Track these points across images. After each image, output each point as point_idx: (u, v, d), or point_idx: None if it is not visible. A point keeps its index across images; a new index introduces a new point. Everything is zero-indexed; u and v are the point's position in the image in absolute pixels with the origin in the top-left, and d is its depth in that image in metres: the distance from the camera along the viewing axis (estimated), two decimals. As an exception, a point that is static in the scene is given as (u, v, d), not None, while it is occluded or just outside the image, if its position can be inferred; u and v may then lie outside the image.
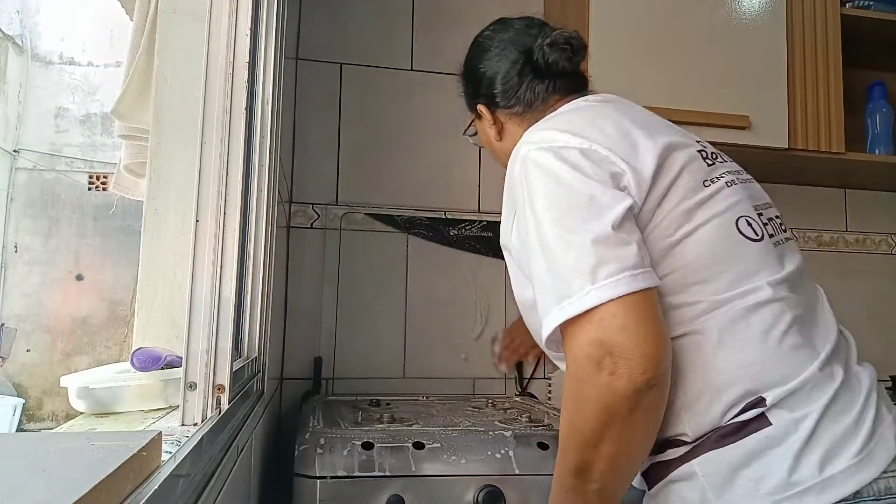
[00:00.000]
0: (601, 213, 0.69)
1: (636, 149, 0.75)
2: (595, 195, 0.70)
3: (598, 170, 0.72)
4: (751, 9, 1.55)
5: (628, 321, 0.65)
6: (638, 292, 0.66)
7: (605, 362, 0.65)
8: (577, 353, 0.67)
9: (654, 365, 0.64)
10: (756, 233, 0.77)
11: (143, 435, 0.42)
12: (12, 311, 5.23)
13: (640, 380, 0.64)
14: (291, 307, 1.53)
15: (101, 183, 5.48)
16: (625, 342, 0.64)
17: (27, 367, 5.19)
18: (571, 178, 0.72)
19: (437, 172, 1.66)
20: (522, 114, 0.93)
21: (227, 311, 0.67)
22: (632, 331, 0.64)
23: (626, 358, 0.64)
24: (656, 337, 0.66)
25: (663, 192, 0.75)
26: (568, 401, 0.70)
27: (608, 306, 0.65)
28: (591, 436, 0.68)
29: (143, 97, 0.96)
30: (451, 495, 0.89)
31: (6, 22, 5.46)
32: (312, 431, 0.96)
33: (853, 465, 0.66)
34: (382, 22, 1.67)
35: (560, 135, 0.76)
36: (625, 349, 0.64)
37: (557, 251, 0.69)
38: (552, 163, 0.73)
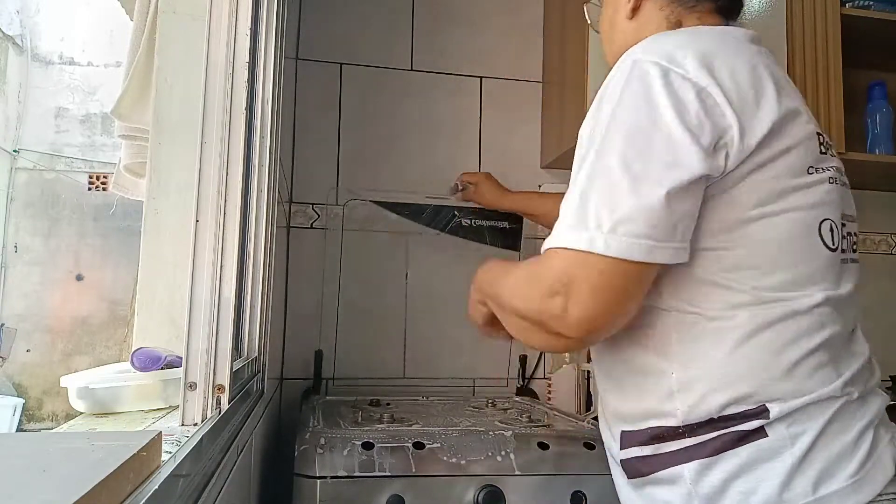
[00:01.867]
0: (668, 171, 0.63)
1: (759, 104, 0.68)
2: (677, 149, 0.64)
3: (702, 117, 0.65)
4: (751, 9, 1.55)
5: (609, 283, 0.63)
6: (644, 264, 0.63)
7: (557, 299, 0.64)
8: (548, 268, 0.66)
9: (587, 334, 0.65)
10: (833, 242, 0.72)
11: (143, 435, 0.42)
12: (12, 311, 5.23)
13: (566, 333, 0.66)
14: (291, 307, 1.53)
15: (101, 183, 5.48)
16: (586, 300, 0.63)
17: (27, 367, 5.19)
18: (666, 116, 0.64)
19: (438, 172, 1.66)
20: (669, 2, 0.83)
21: (227, 311, 0.67)
22: (603, 295, 0.63)
23: (574, 310, 0.64)
24: (614, 311, 0.65)
25: (764, 162, 0.68)
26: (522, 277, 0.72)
27: (604, 259, 0.62)
28: (514, 310, 0.73)
29: (143, 97, 0.96)
30: (451, 495, 0.89)
31: (6, 22, 5.46)
32: (312, 431, 0.96)
33: (848, 485, 0.64)
34: (382, 22, 1.67)
35: (685, 58, 0.67)
36: (579, 302, 0.63)
37: (601, 172, 0.65)
38: (658, 87, 0.66)
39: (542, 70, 1.74)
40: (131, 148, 1.07)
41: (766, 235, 0.68)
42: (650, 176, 0.63)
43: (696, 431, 0.68)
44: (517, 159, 1.70)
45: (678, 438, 0.69)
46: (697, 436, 0.68)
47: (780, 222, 0.68)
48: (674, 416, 0.69)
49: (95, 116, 5.60)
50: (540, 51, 1.75)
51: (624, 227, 0.62)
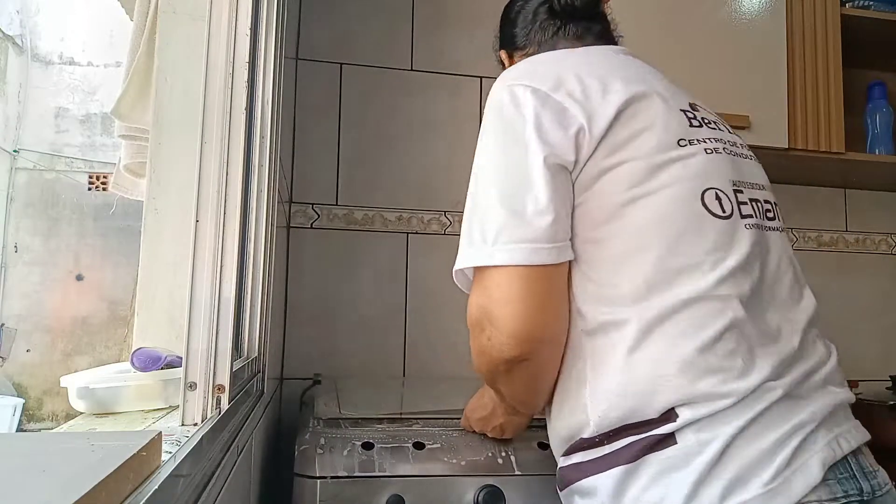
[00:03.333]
0: (529, 172, 0.67)
1: (604, 95, 0.70)
2: (530, 148, 0.67)
3: (548, 116, 0.68)
4: (751, 9, 1.55)
5: (512, 293, 0.65)
6: (533, 267, 0.65)
7: (484, 327, 0.68)
8: (470, 308, 0.70)
9: (521, 344, 0.66)
10: (723, 209, 0.69)
11: (143, 435, 0.42)
12: (12, 311, 5.23)
13: (508, 354, 0.67)
14: (291, 307, 1.53)
15: (101, 183, 5.48)
16: (501, 316, 0.66)
17: (27, 367, 5.19)
18: (514, 122, 0.69)
19: (438, 172, 1.66)
20: (532, 55, 0.88)
21: (227, 311, 0.67)
22: (511, 306, 0.65)
23: (498, 331, 0.66)
24: (534, 316, 0.66)
25: (621, 144, 0.69)
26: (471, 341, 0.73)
27: (498, 272, 0.66)
28: (487, 377, 0.75)
29: (143, 97, 0.96)
30: (451, 495, 0.89)
31: (6, 22, 5.46)
32: (312, 431, 0.96)
33: (761, 494, 0.59)
34: (382, 22, 1.67)
35: (524, 73, 0.73)
36: (498, 323, 0.66)
37: (479, 195, 0.70)
38: (504, 102, 0.71)
39: (542, 70, 1.73)
40: (131, 148, 1.07)
41: (644, 216, 0.67)
42: (511, 182, 0.68)
43: (611, 439, 0.66)
44: (517, 159, 1.70)
45: (597, 447, 0.68)
46: (612, 443, 0.66)
47: (657, 199, 0.67)
48: (588, 426, 0.68)
49: (95, 116, 5.61)
50: (540, 51, 1.74)
51: (506, 235, 0.66)
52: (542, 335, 0.67)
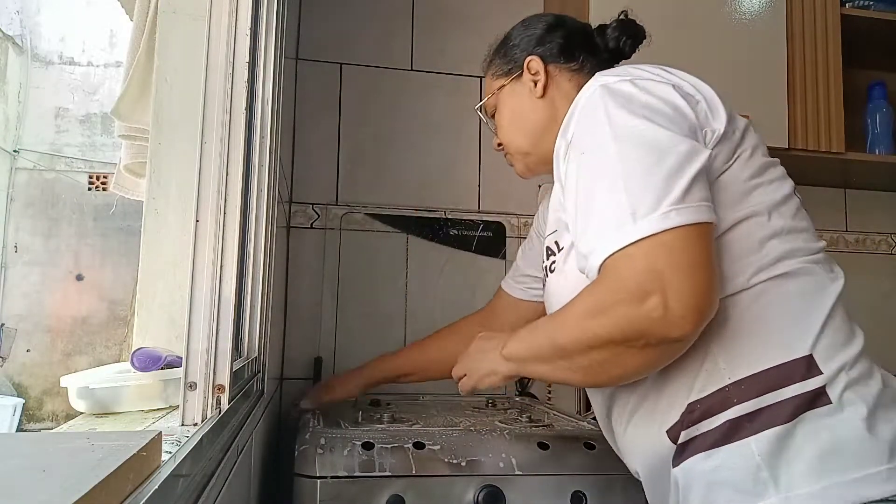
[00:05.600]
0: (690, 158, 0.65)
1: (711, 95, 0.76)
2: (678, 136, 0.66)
3: (687, 109, 0.70)
4: (751, 9, 1.55)
5: (697, 257, 0.61)
6: (705, 224, 0.63)
7: (652, 299, 0.60)
8: (627, 277, 0.62)
9: (699, 321, 0.61)
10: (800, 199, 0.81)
11: (143, 435, 0.42)
12: (12, 311, 5.24)
13: (679, 332, 0.60)
14: (291, 307, 1.53)
15: (101, 183, 5.49)
16: (684, 285, 0.60)
17: (27, 367, 5.19)
18: (664, 109, 0.69)
19: (437, 172, 1.66)
20: (577, 71, 0.91)
21: (227, 311, 0.67)
22: (698, 274, 0.60)
23: (679, 303, 0.59)
24: (715, 287, 0.62)
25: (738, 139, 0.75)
26: (591, 302, 0.66)
27: (675, 234, 0.61)
28: (591, 341, 0.66)
29: (143, 97, 0.96)
30: (451, 495, 0.89)
31: (6, 22, 5.46)
32: (312, 431, 0.96)
33: None
34: (382, 22, 1.67)
35: (646, 73, 0.74)
36: (680, 293, 0.59)
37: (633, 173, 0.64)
38: (640, 94, 0.70)
39: (542, 70, 1.73)
40: (131, 148, 1.07)
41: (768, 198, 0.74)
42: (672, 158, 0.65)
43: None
44: (517, 159, 1.70)
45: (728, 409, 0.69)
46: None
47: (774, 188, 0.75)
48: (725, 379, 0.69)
49: (95, 116, 5.61)
50: (540, 51, 1.74)
51: (681, 197, 0.62)
52: (713, 309, 0.63)
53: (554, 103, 0.90)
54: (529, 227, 1.67)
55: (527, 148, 0.94)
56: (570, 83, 0.90)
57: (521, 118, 0.94)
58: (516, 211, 1.68)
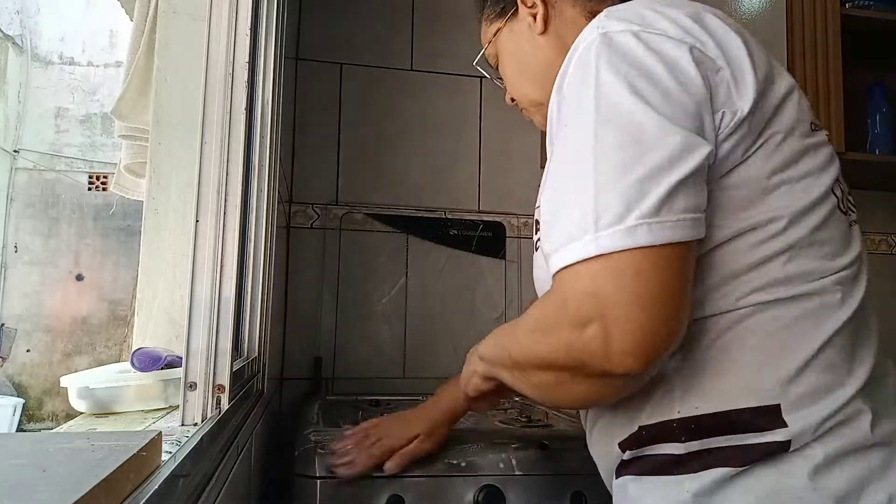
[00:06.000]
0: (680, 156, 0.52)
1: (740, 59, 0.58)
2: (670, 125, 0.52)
3: (700, 81, 0.55)
4: (751, 8, 1.55)
5: (658, 285, 0.50)
6: (682, 244, 0.51)
7: (592, 327, 0.51)
8: (570, 297, 0.53)
9: (645, 363, 0.50)
10: (842, 204, 0.62)
11: (143, 435, 0.42)
12: (12, 311, 5.24)
13: (620, 369, 0.51)
14: (291, 307, 1.53)
15: (101, 183, 5.49)
16: (629, 322, 0.50)
17: (27, 367, 5.19)
18: (666, 82, 0.54)
19: (437, 172, 1.66)
20: None
21: (227, 311, 0.67)
22: (650, 310, 0.50)
23: (618, 340, 0.50)
24: (671, 324, 0.51)
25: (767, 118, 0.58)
26: (539, 315, 0.59)
27: (641, 253, 0.50)
28: (537, 360, 0.59)
29: (143, 97, 0.96)
30: (451, 495, 0.89)
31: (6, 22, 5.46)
32: (312, 431, 0.96)
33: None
34: (382, 22, 1.67)
35: (662, 20, 0.57)
36: (622, 329, 0.50)
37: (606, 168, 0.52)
38: (642, 54, 0.55)
39: (542, 70, 1.74)
40: (131, 148, 1.07)
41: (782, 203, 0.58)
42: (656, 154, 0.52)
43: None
44: (517, 159, 1.70)
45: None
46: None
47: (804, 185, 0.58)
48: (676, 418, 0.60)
49: (95, 116, 5.61)
50: (540, 51, 1.74)
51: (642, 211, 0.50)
52: (670, 346, 0.52)
53: (560, 37, 0.74)
54: (529, 227, 1.68)
55: (538, 96, 0.77)
56: (574, 9, 0.74)
57: (524, 63, 0.78)
58: (516, 211, 1.68)
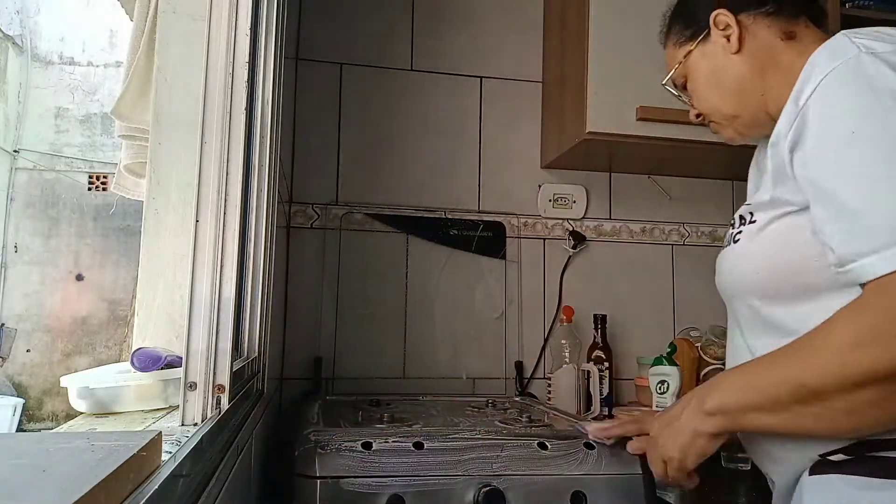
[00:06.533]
0: None
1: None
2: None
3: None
4: (751, 9, 1.55)
5: None
6: None
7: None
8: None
9: None
10: None
11: (143, 435, 0.42)
12: (12, 311, 5.24)
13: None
14: (291, 307, 1.53)
15: (101, 183, 5.49)
16: None
17: (27, 367, 5.19)
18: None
19: (437, 172, 1.66)
20: (774, 15, 0.79)
21: (227, 311, 0.67)
22: None
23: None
24: None
25: None
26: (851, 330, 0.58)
27: None
28: (860, 378, 0.57)
29: (143, 97, 0.96)
30: (451, 495, 0.89)
31: (6, 22, 5.46)
32: (312, 431, 0.96)
33: None
34: (382, 22, 1.67)
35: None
36: None
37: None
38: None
39: (542, 70, 1.74)
40: (131, 148, 1.07)
41: None
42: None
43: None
44: (517, 159, 1.70)
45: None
46: None
47: None
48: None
49: (95, 116, 5.61)
50: (540, 51, 1.75)
51: None
52: None
53: (755, 56, 0.80)
54: (529, 227, 1.68)
55: (733, 110, 0.83)
56: (768, 29, 0.80)
57: (719, 80, 0.83)
58: (516, 211, 1.68)
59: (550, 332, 1.65)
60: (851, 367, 0.56)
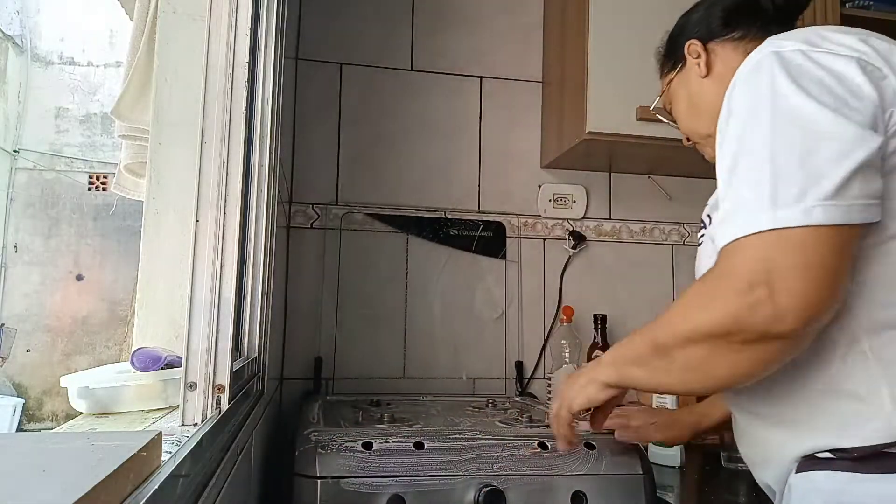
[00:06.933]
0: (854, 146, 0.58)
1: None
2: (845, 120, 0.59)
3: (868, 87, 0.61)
4: (751, 9, 1.55)
5: (816, 259, 0.56)
6: (853, 227, 0.58)
7: (759, 289, 0.58)
8: (739, 265, 0.59)
9: (804, 320, 0.57)
10: None
11: (143, 435, 0.42)
12: (12, 311, 5.24)
13: (780, 328, 0.58)
14: (291, 307, 1.53)
15: (101, 183, 5.49)
16: (794, 283, 0.57)
17: (27, 367, 5.19)
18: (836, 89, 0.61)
19: (437, 172, 1.66)
20: (740, 39, 0.85)
21: (227, 311, 0.67)
22: (812, 273, 0.57)
23: (785, 297, 0.57)
24: (832, 290, 0.57)
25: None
26: (697, 291, 0.65)
27: (815, 231, 0.57)
28: (691, 333, 0.64)
29: (143, 97, 0.96)
30: (452, 495, 0.89)
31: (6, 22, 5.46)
32: (312, 431, 0.96)
33: None
34: (382, 22, 1.67)
35: (827, 42, 0.64)
36: (788, 290, 0.57)
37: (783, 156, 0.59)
38: (812, 67, 0.62)
39: (542, 70, 1.74)
40: (131, 148, 1.07)
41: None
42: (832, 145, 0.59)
43: None
44: (517, 159, 1.70)
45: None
46: None
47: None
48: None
49: (95, 116, 5.61)
50: (540, 51, 1.75)
51: (819, 194, 0.57)
52: (826, 314, 0.59)
53: (723, 78, 0.82)
54: (529, 227, 1.68)
55: (707, 129, 0.88)
56: (734, 52, 0.86)
57: (694, 102, 0.91)
58: (516, 211, 1.68)
59: (550, 332, 1.65)
60: (687, 322, 0.64)
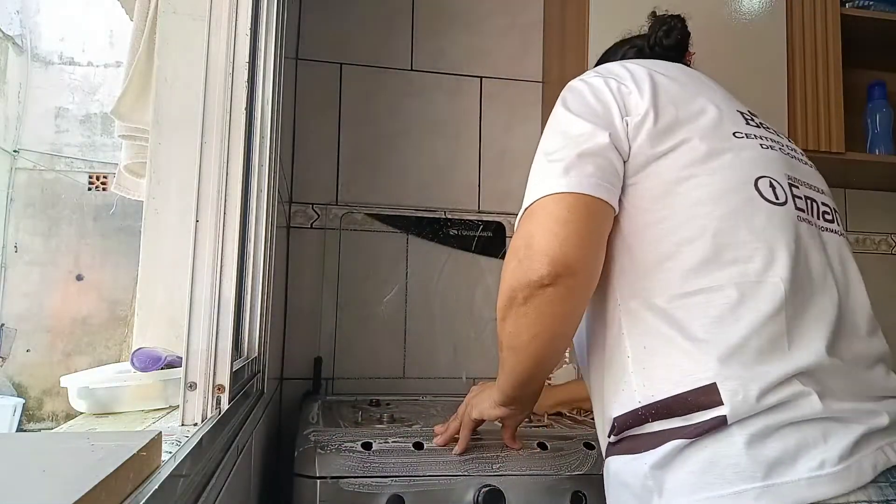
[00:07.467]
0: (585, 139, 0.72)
1: (646, 88, 0.76)
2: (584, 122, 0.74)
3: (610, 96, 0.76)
4: (751, 9, 1.55)
5: (557, 217, 0.68)
6: (584, 195, 0.69)
7: (520, 252, 0.70)
8: (515, 239, 0.73)
9: (553, 265, 0.66)
10: (777, 196, 0.72)
11: (143, 435, 0.42)
12: (12, 311, 5.24)
13: (537, 274, 0.67)
14: (291, 307, 1.53)
15: (101, 183, 5.49)
16: (541, 238, 0.68)
17: (27, 367, 5.19)
18: (587, 97, 0.77)
19: (437, 172, 1.66)
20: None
21: (227, 311, 0.67)
22: (556, 228, 0.67)
23: (534, 251, 0.68)
24: (575, 242, 0.67)
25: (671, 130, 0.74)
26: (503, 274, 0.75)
27: (551, 199, 0.69)
28: (499, 313, 0.74)
29: (143, 97, 0.96)
30: (451, 495, 0.89)
31: (6, 22, 5.46)
32: (312, 431, 0.96)
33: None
34: (382, 22, 1.67)
35: (606, 68, 0.82)
36: (537, 245, 0.68)
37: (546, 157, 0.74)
38: (582, 88, 0.79)
39: (542, 70, 1.74)
40: (131, 148, 1.06)
41: (698, 196, 0.70)
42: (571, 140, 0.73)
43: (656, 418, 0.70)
44: (517, 159, 1.70)
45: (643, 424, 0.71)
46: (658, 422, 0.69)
47: (710, 181, 0.71)
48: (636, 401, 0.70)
49: (95, 116, 5.61)
50: (540, 51, 1.75)
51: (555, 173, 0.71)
52: (575, 264, 0.67)
53: None
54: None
55: None
56: None
57: None
58: (516, 211, 1.67)
59: (550, 332, 1.65)
60: (499, 296, 0.73)
